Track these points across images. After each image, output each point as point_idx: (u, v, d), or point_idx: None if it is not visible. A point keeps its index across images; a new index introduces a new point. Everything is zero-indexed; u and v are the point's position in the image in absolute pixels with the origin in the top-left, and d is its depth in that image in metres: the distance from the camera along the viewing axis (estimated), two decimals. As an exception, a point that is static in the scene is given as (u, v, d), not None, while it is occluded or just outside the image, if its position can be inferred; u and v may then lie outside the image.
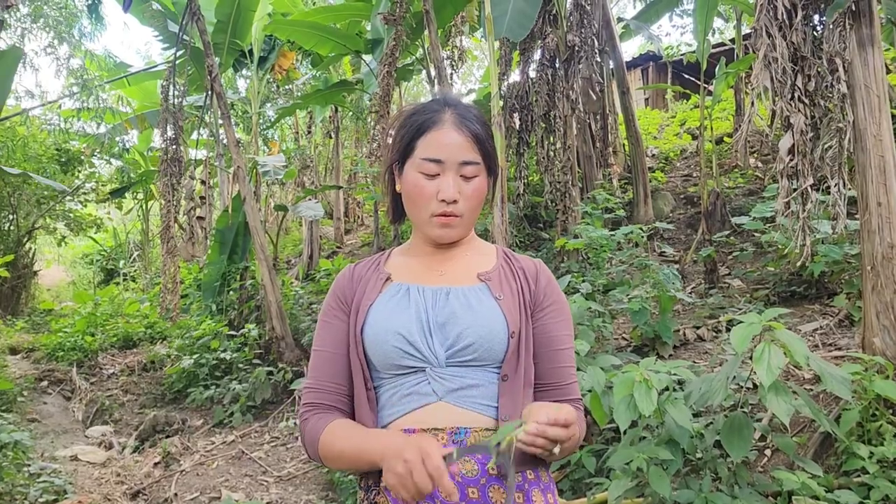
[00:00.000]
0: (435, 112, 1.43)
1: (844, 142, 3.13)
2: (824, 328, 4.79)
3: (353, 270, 1.53)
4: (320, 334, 1.48)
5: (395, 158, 1.46)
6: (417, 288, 1.43)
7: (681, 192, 10.09)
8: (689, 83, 15.78)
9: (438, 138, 1.40)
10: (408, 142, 1.43)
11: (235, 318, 8.11)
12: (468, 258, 1.52)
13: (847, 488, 2.87)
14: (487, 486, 1.29)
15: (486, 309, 1.40)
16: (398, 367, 1.36)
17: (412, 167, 1.41)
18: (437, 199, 1.39)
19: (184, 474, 5.25)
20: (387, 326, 1.37)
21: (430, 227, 1.42)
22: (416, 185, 1.41)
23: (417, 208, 1.43)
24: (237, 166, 7.24)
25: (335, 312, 1.47)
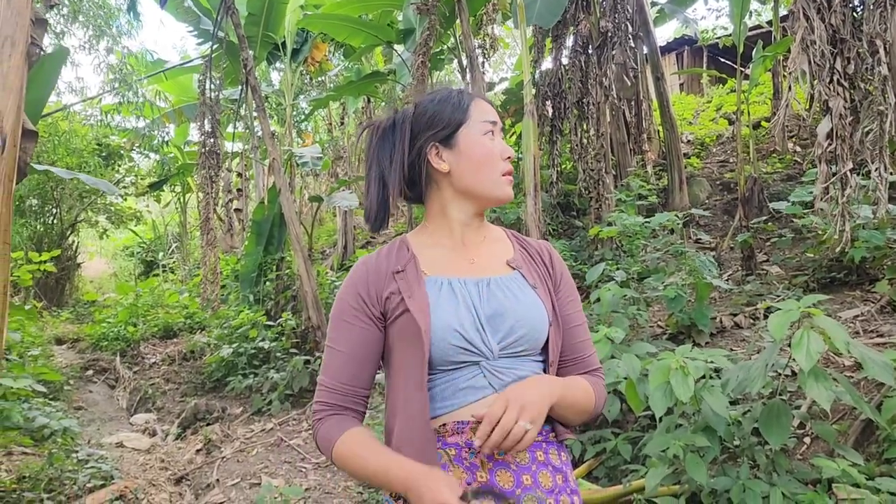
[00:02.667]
0: (461, 90, 1.52)
1: (886, 125, 3.06)
2: (865, 315, 4.70)
3: (371, 267, 1.46)
4: (340, 334, 1.42)
5: (440, 135, 1.46)
6: (459, 281, 1.43)
7: (717, 178, 9.94)
8: (726, 67, 15.50)
9: (484, 105, 1.49)
10: (462, 111, 1.46)
11: (272, 308, 8.23)
12: (489, 244, 1.54)
13: (889, 476, 2.83)
14: (537, 473, 1.36)
15: (529, 299, 1.44)
16: (452, 362, 1.36)
17: (472, 133, 1.45)
18: (501, 157, 1.46)
19: (225, 461, 5.37)
20: (443, 323, 1.35)
21: (501, 187, 1.46)
22: (486, 147, 1.45)
23: (487, 169, 1.45)
24: (272, 158, 7.33)
25: (356, 313, 1.42)
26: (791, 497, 2.73)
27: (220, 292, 8.82)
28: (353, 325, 1.41)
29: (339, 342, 1.41)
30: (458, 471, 1.32)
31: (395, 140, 1.48)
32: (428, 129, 1.46)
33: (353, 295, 1.43)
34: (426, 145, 1.46)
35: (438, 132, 1.45)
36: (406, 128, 1.48)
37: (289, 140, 12.31)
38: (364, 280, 1.44)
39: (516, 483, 1.32)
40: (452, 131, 1.45)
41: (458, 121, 1.45)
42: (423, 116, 1.47)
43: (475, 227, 1.52)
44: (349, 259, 11.14)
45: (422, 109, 1.48)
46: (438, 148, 1.46)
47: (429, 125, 1.46)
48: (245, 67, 7.23)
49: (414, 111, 1.50)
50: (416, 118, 1.48)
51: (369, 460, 1.30)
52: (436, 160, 1.46)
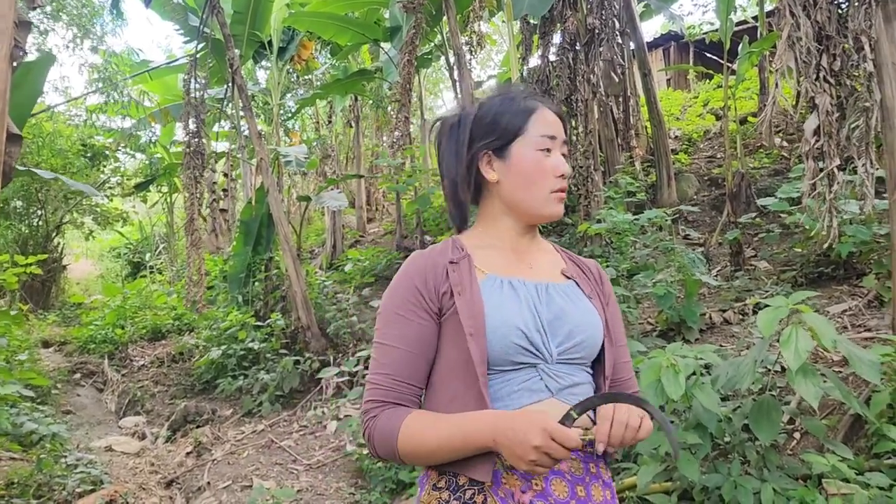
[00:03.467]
0: (528, 95, 1.45)
1: (871, 121, 3.08)
2: (853, 309, 4.73)
3: (428, 260, 1.40)
4: (396, 329, 1.35)
5: (494, 144, 1.42)
6: (519, 281, 1.40)
7: (705, 174, 9.98)
8: (712, 63, 15.57)
9: (546, 116, 1.43)
10: (521, 122, 1.41)
11: (261, 309, 8.20)
12: (542, 254, 1.53)
13: (878, 471, 2.85)
14: (590, 485, 1.34)
15: (587, 307, 1.43)
16: (511, 362, 1.32)
17: (526, 146, 1.40)
18: (554, 175, 1.41)
19: (215, 463, 5.34)
20: (506, 321, 1.31)
21: (549, 204, 1.42)
22: (538, 162, 1.40)
23: (537, 186, 1.40)
24: (260, 158, 7.30)
25: (413, 307, 1.36)
26: (782, 493, 2.74)
27: (208, 293, 8.78)
28: (411, 321, 1.35)
29: (394, 338, 1.35)
30: (513, 479, 1.28)
31: (457, 139, 1.45)
32: (484, 135, 1.43)
33: (409, 288, 1.37)
34: (479, 152, 1.43)
35: (493, 141, 1.42)
36: (466, 129, 1.44)
37: (276, 139, 12.26)
38: (422, 272, 1.38)
39: (570, 494, 1.29)
40: (507, 142, 1.41)
41: (514, 131, 1.41)
42: (483, 120, 1.43)
43: (527, 238, 1.50)
44: (338, 259, 11.10)
45: (483, 112, 1.44)
46: (491, 157, 1.43)
47: (486, 131, 1.43)
48: (231, 67, 7.18)
49: (477, 111, 1.45)
50: (476, 120, 1.44)
51: (441, 427, 1.26)
52: (486, 169, 1.44)
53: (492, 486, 1.27)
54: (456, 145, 1.45)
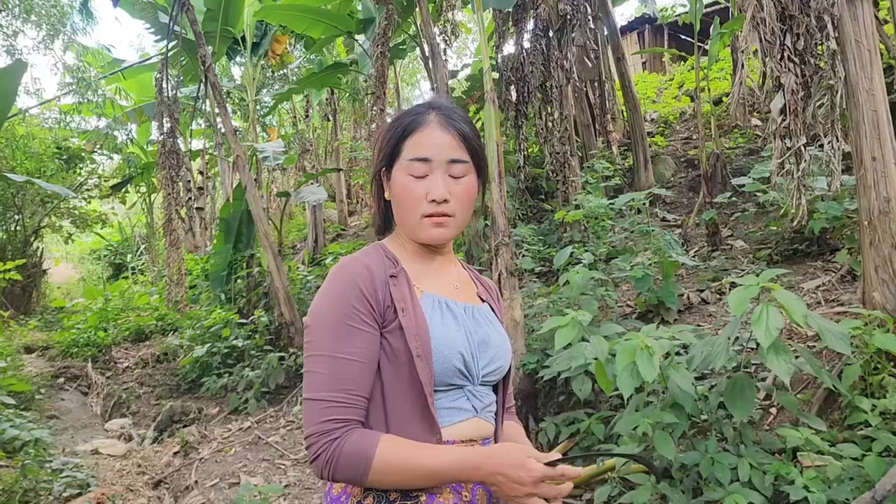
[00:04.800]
0: (419, 114, 1.42)
1: (836, 98, 3.12)
2: (827, 284, 4.81)
3: (368, 268, 1.32)
4: (347, 340, 1.26)
5: (382, 165, 1.43)
6: (454, 303, 1.42)
7: (681, 156, 10.05)
8: (686, 44, 15.63)
9: (424, 138, 1.38)
10: (394, 145, 1.39)
11: (244, 306, 8.19)
12: (458, 271, 1.56)
13: (851, 442, 2.91)
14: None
15: (502, 333, 1.49)
16: (446, 383, 1.34)
17: (400, 170, 1.38)
18: (426, 199, 1.36)
19: (203, 462, 5.35)
20: (449, 344, 1.32)
21: (423, 229, 1.37)
22: (405, 188, 1.36)
23: (407, 211, 1.38)
24: (236, 155, 7.26)
25: (364, 318, 1.28)
26: (758, 467, 2.80)
27: (190, 292, 8.75)
28: (362, 331, 1.27)
29: (348, 350, 1.25)
30: (446, 492, 1.30)
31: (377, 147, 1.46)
32: (378, 152, 1.44)
33: (357, 296, 1.28)
34: (378, 169, 1.45)
35: (380, 161, 1.43)
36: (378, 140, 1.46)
37: (253, 135, 12.20)
38: (367, 281, 1.30)
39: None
40: (389, 164, 1.41)
41: (389, 154, 1.40)
42: (379, 137, 1.45)
43: (440, 256, 1.50)
44: (320, 253, 11.09)
45: (383, 128, 1.46)
46: (383, 174, 1.44)
47: (378, 149, 1.44)
48: (203, 64, 7.13)
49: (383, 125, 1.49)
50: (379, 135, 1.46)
51: (425, 457, 1.22)
52: (385, 186, 1.44)
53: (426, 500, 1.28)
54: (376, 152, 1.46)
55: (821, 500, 2.55)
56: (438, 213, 1.36)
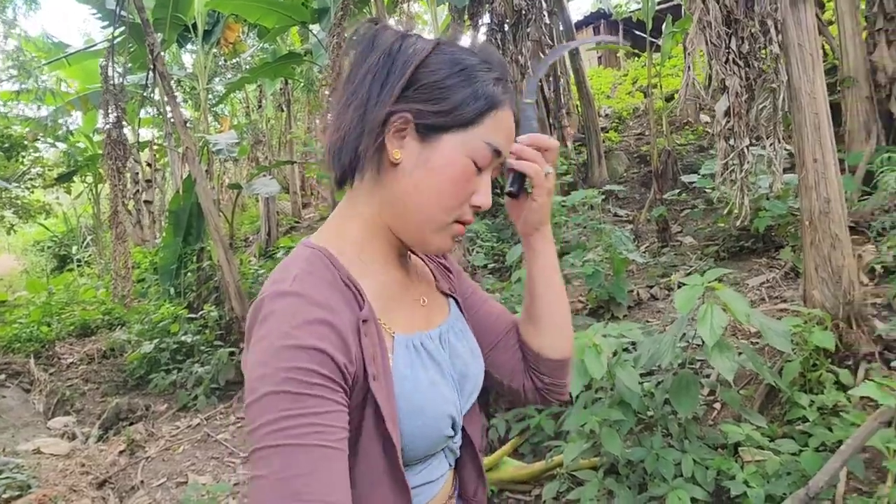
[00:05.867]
0: (502, 77, 1.00)
1: (778, 101, 3.20)
2: (771, 281, 4.93)
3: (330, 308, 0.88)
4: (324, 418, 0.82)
5: (424, 116, 0.94)
6: (427, 337, 1.03)
7: (634, 151, 10.19)
8: (640, 41, 15.82)
9: (506, 121, 1.00)
10: (475, 111, 0.95)
11: (195, 301, 8.03)
12: (415, 265, 1.16)
13: (790, 437, 2.99)
14: None
15: (474, 346, 1.14)
16: (429, 455, 1.02)
17: (463, 144, 0.95)
18: (470, 203, 1.00)
19: (150, 461, 5.24)
20: (440, 408, 0.98)
21: (440, 236, 1.00)
22: (460, 175, 0.96)
23: (438, 204, 0.96)
24: (186, 146, 7.10)
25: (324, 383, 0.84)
26: (701, 463, 2.86)
27: (138, 286, 8.55)
28: (336, 403, 0.85)
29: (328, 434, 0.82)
30: None
31: (390, 72, 0.94)
32: (422, 96, 0.94)
33: (322, 356, 0.83)
34: (400, 111, 0.94)
35: (427, 111, 0.94)
36: (408, 68, 0.94)
37: (205, 125, 11.96)
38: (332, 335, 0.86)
39: None
40: (444, 125, 0.95)
41: (460, 117, 0.94)
42: (431, 75, 0.94)
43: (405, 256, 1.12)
44: (273, 246, 10.94)
45: (435, 65, 0.95)
46: (408, 128, 0.95)
47: (426, 93, 0.94)
48: (152, 52, 6.95)
49: (429, 56, 0.95)
50: (422, 68, 0.94)
51: None
52: (392, 138, 0.95)
53: None
54: (385, 80, 0.94)
55: (759, 495, 2.61)
56: (467, 224, 1.02)
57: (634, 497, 2.91)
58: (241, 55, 12.79)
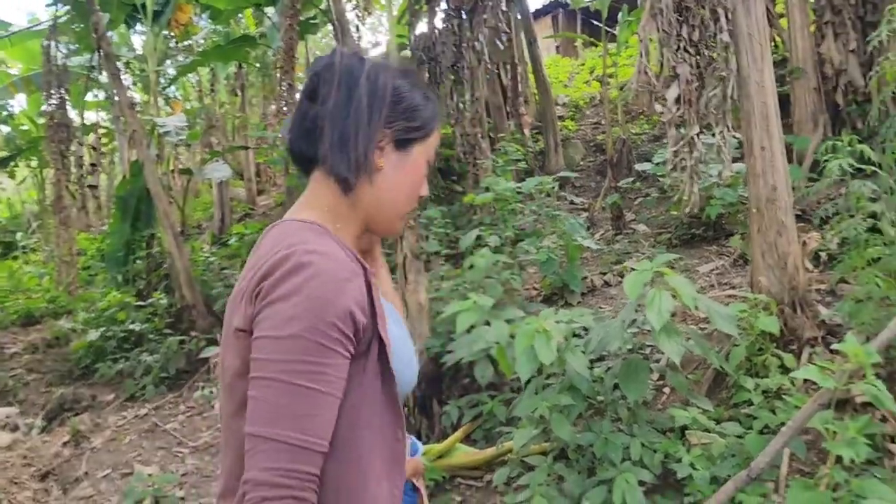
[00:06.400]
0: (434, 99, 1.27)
1: (728, 90, 3.23)
2: (720, 268, 5.01)
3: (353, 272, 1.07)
4: (329, 367, 0.99)
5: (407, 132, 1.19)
6: (392, 308, 1.27)
7: (591, 140, 10.26)
8: (598, 30, 15.92)
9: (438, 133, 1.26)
10: (431, 127, 1.22)
11: (144, 288, 7.84)
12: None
13: (735, 420, 3.04)
14: None
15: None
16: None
17: (424, 153, 1.22)
18: (420, 193, 1.25)
19: (95, 451, 5.11)
20: (413, 365, 1.21)
21: (398, 222, 1.25)
22: (419, 175, 1.22)
23: (406, 197, 1.22)
24: (133, 129, 6.91)
25: (343, 340, 1.01)
26: (649, 446, 2.89)
27: (84, 273, 8.31)
28: (341, 357, 1.01)
29: (328, 382, 0.99)
30: None
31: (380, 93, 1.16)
32: (404, 116, 1.18)
33: (343, 313, 1.00)
34: (386, 128, 1.16)
35: (407, 128, 1.19)
36: (388, 90, 1.16)
37: (155, 109, 11.65)
38: (357, 292, 1.04)
39: None
40: (414, 139, 1.20)
41: (424, 131, 1.21)
42: (406, 100, 1.18)
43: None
44: (226, 233, 10.74)
45: (406, 90, 1.20)
46: (389, 142, 1.18)
47: (406, 114, 1.18)
48: (96, 32, 6.72)
49: (399, 84, 1.19)
50: (397, 92, 1.18)
51: None
52: (378, 151, 1.17)
53: None
54: (375, 95, 1.15)
55: (704, 477, 2.65)
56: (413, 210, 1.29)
57: (583, 481, 2.93)
58: (193, 37, 12.48)
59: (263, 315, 1.00)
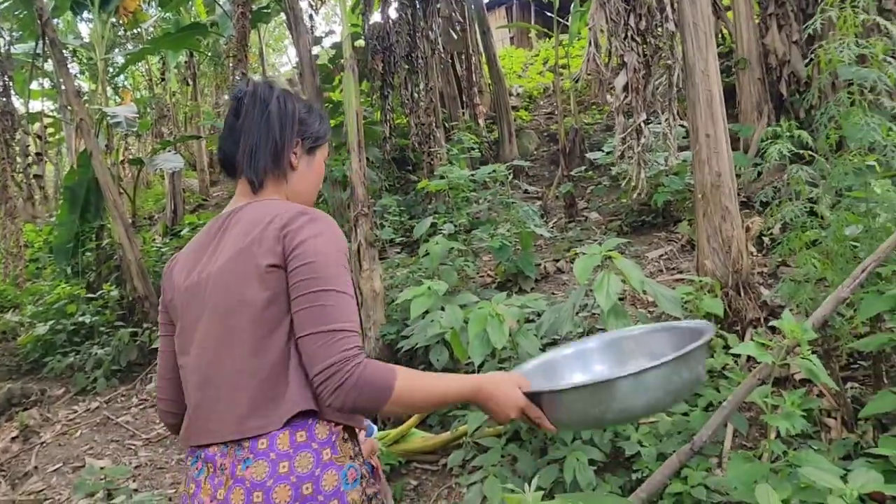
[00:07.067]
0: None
1: (674, 78, 3.31)
2: (669, 253, 5.14)
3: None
4: (347, 280, 1.40)
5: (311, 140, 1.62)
6: None
7: (544, 130, 10.37)
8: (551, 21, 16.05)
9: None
10: (326, 135, 1.67)
11: (94, 280, 7.68)
12: None
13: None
14: None
15: None
16: None
17: (322, 155, 1.67)
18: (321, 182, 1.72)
19: (45, 446, 5.02)
20: None
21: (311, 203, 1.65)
22: (322, 170, 1.69)
23: (316, 188, 1.68)
24: (80, 118, 6.75)
25: (348, 266, 1.48)
26: (599, 426, 2.96)
27: (32, 266, 8.10)
28: (350, 273, 1.44)
29: (349, 289, 1.39)
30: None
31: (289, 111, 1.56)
32: (310, 128, 1.61)
33: (345, 245, 1.47)
34: (299, 136, 1.58)
35: (313, 136, 1.61)
36: (296, 109, 1.58)
37: (104, 98, 11.37)
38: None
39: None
40: (317, 145, 1.63)
41: (323, 140, 1.66)
42: (311, 115, 1.63)
43: None
44: (179, 224, 10.56)
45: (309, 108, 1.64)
46: (300, 147, 1.59)
47: (312, 127, 1.62)
48: (41, 18, 6.54)
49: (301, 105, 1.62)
50: (306, 112, 1.62)
51: (436, 383, 1.38)
52: (293, 156, 1.57)
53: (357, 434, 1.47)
54: (286, 115, 1.55)
55: (651, 454, 2.74)
56: None
57: (535, 461, 2.99)
58: (141, 25, 12.20)
59: (301, 250, 1.35)
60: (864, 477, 1.84)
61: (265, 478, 1.27)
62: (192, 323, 1.42)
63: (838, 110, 2.68)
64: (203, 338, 1.39)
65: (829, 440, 2.80)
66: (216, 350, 1.37)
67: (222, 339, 1.36)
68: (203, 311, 1.40)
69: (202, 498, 1.32)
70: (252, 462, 1.29)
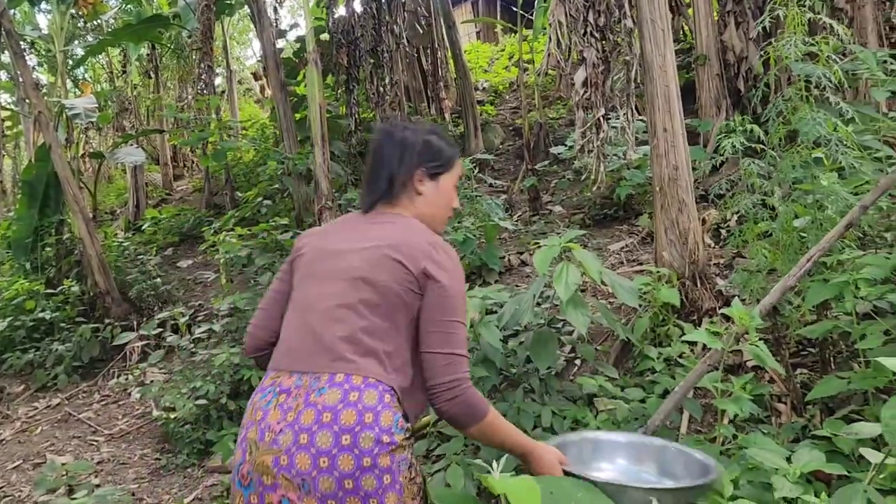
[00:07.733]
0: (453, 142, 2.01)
1: (632, 73, 3.38)
2: (629, 246, 5.24)
3: None
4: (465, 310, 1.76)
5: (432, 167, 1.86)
6: None
7: (510, 124, 10.44)
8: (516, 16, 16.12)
9: (461, 165, 1.99)
10: (452, 161, 1.92)
11: (54, 276, 7.56)
12: None
13: (640, 387, 3.22)
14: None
15: None
16: None
17: (450, 180, 1.92)
18: (453, 206, 1.96)
19: (4, 443, 4.95)
20: None
21: (440, 227, 1.92)
22: (453, 193, 1.95)
23: (446, 210, 1.93)
24: (39, 111, 6.63)
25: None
26: (559, 413, 3.03)
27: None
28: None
29: (466, 318, 1.71)
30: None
31: (406, 146, 1.84)
32: (430, 157, 1.86)
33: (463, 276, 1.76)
34: (420, 166, 1.85)
35: (434, 164, 1.86)
36: (417, 144, 1.85)
37: (63, 91, 11.17)
38: None
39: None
40: (441, 171, 1.88)
41: (448, 165, 1.90)
42: (432, 146, 1.87)
43: None
44: (141, 218, 10.42)
45: (430, 139, 1.88)
46: (424, 174, 1.85)
47: (432, 156, 1.86)
48: (-4, 8, 6.40)
49: (425, 137, 1.88)
50: (426, 143, 1.86)
51: (510, 430, 1.72)
52: (418, 182, 1.85)
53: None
54: (402, 150, 1.84)
55: (609, 439, 2.81)
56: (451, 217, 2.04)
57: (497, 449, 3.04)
58: (102, 17, 11.99)
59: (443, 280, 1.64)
60: (807, 457, 1.92)
61: (336, 402, 1.51)
62: (323, 274, 1.71)
63: (787, 105, 2.77)
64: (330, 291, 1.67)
65: (779, 424, 2.90)
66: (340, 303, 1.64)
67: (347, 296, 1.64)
68: (336, 271, 1.69)
69: (269, 422, 1.54)
70: (327, 390, 1.53)
